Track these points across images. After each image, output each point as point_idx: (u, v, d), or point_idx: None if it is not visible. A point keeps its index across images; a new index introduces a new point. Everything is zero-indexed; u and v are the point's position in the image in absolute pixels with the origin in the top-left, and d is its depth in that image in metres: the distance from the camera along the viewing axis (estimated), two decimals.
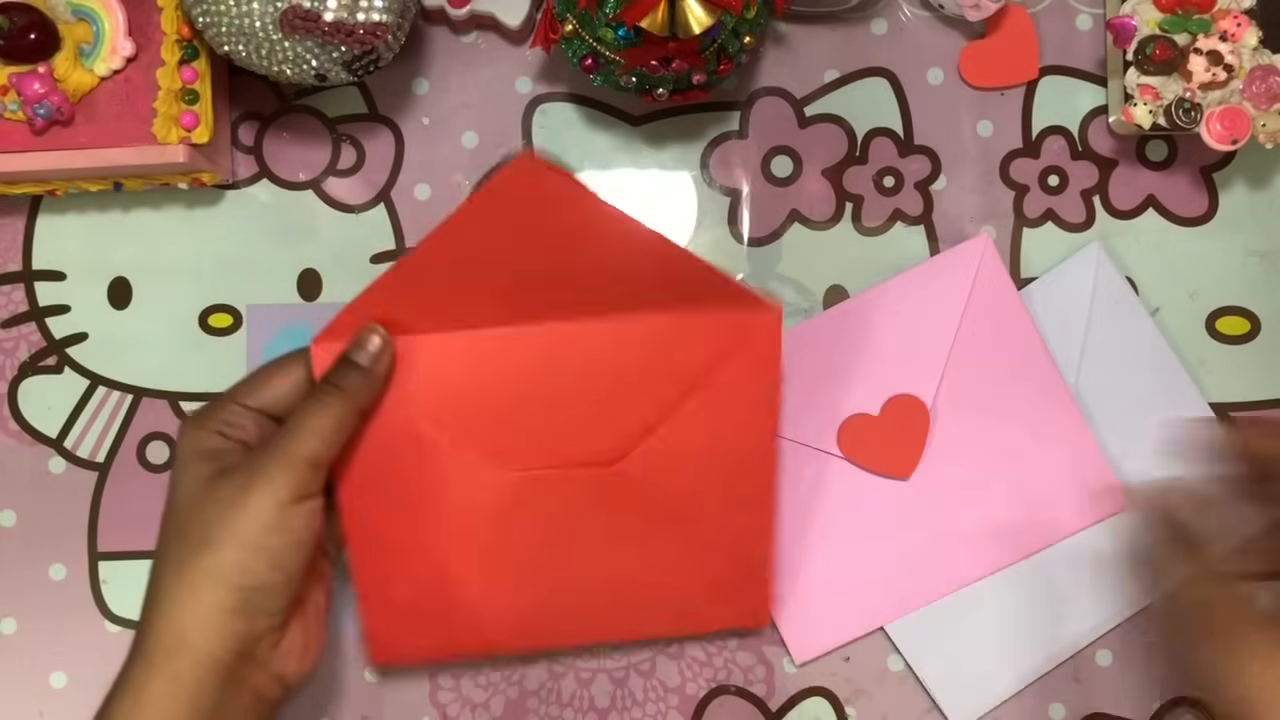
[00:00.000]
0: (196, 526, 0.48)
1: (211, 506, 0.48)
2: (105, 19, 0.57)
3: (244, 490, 0.48)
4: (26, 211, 0.63)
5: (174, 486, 0.50)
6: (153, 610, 0.48)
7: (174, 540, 0.48)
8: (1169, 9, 0.57)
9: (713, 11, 0.53)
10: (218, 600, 0.47)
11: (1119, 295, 0.62)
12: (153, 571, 0.49)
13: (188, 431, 0.51)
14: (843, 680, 0.61)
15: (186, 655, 0.46)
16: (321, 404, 0.50)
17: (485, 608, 0.56)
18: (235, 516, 0.47)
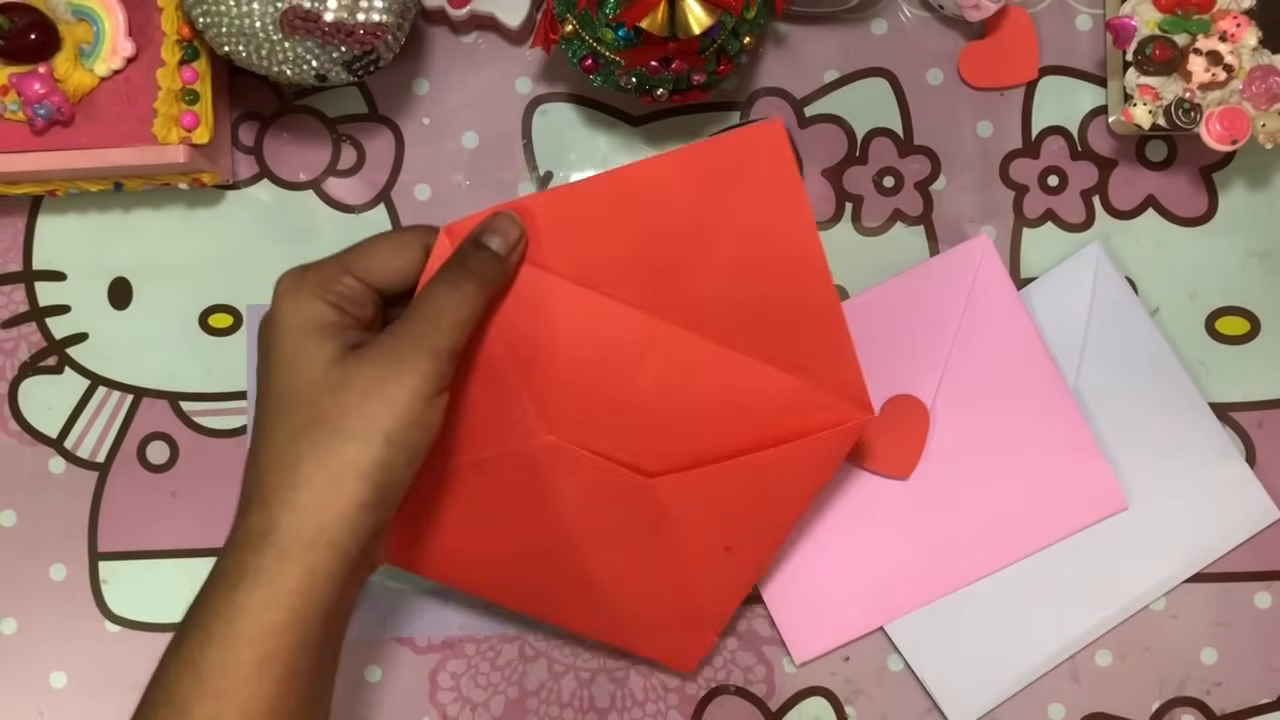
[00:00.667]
0: (334, 414, 0.44)
1: (350, 394, 0.44)
2: (105, 19, 0.57)
3: (386, 381, 0.44)
4: (27, 211, 0.63)
5: (287, 359, 0.46)
6: (285, 498, 0.44)
7: (308, 424, 0.44)
8: (1169, 9, 0.57)
9: (713, 12, 0.53)
10: (360, 496, 0.44)
11: (1119, 295, 0.62)
12: (276, 451, 0.45)
13: (299, 297, 0.46)
14: (842, 680, 0.61)
15: (324, 549, 0.44)
16: (460, 292, 0.46)
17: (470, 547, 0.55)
18: (380, 410, 0.44)
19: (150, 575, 0.61)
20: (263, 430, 0.46)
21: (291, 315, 0.46)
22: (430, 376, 0.45)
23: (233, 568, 0.44)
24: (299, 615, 0.43)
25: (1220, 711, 0.61)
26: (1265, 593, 0.61)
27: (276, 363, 0.46)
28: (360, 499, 0.44)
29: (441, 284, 0.47)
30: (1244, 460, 0.61)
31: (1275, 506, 0.61)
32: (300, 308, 0.46)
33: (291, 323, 0.46)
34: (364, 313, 0.48)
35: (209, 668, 0.43)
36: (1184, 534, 0.61)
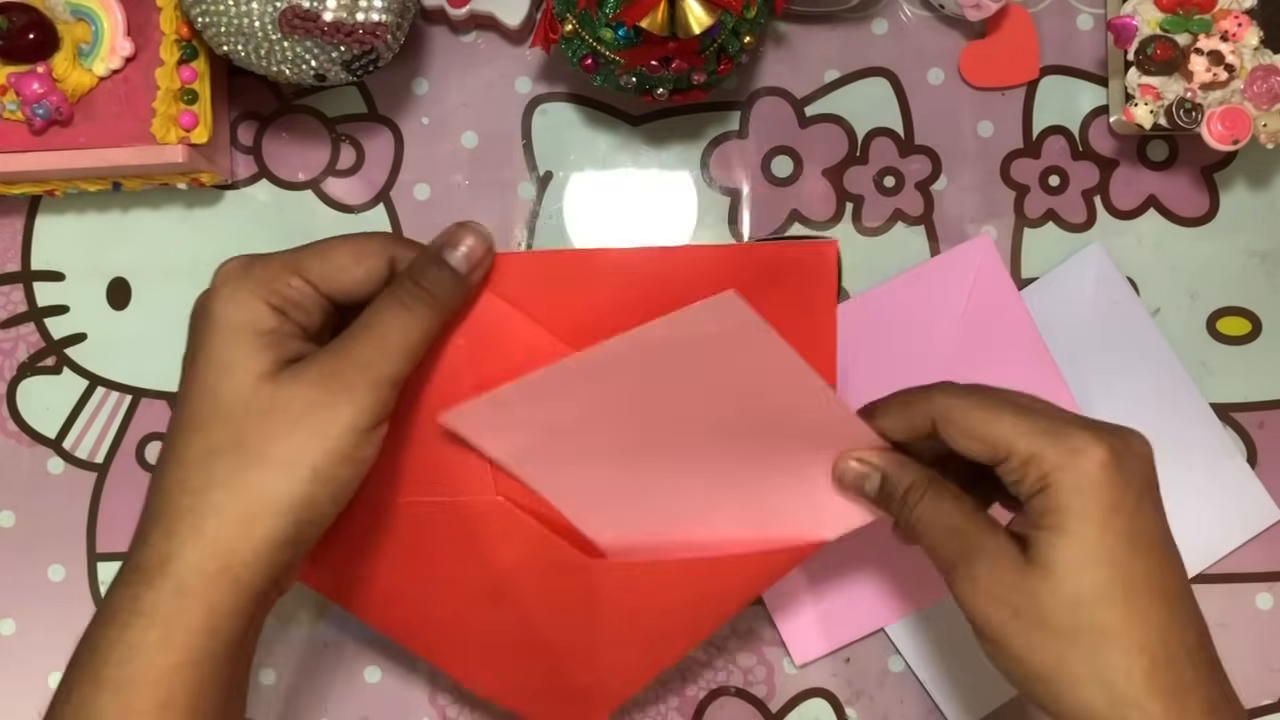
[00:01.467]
0: (257, 439, 0.40)
1: (278, 420, 0.40)
2: (104, 19, 0.57)
3: (320, 410, 0.40)
4: (25, 212, 0.63)
5: (215, 364, 0.41)
6: (191, 526, 0.40)
7: (227, 447, 0.40)
8: (1170, 9, 0.57)
9: (713, 11, 0.53)
10: (275, 532, 0.40)
11: (1119, 295, 0.61)
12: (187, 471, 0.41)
13: (239, 293, 0.42)
14: (843, 681, 0.61)
15: (229, 586, 0.40)
16: (412, 314, 0.42)
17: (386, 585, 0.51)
18: (309, 442, 0.40)
19: None
20: (173, 444, 0.41)
21: (227, 313, 0.42)
22: (368, 409, 0.41)
23: (124, 604, 0.40)
24: (200, 654, 0.40)
25: None
26: (1266, 594, 0.61)
27: (202, 366, 0.42)
28: (275, 536, 0.40)
29: (392, 302, 0.42)
30: (1245, 461, 0.61)
31: (1276, 507, 0.61)
32: (239, 306, 0.42)
33: (226, 322, 0.42)
34: (309, 320, 0.43)
35: (102, 716, 0.39)
36: (1184, 535, 0.60)
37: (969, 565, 0.43)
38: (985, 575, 0.43)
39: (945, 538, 0.45)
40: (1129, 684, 0.40)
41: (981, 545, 0.43)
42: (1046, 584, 0.41)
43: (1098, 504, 0.42)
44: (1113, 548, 0.41)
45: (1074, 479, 0.42)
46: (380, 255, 0.44)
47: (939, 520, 0.45)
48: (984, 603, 0.43)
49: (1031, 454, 0.43)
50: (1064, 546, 0.42)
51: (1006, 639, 0.42)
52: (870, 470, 0.48)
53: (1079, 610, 0.41)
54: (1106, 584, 0.41)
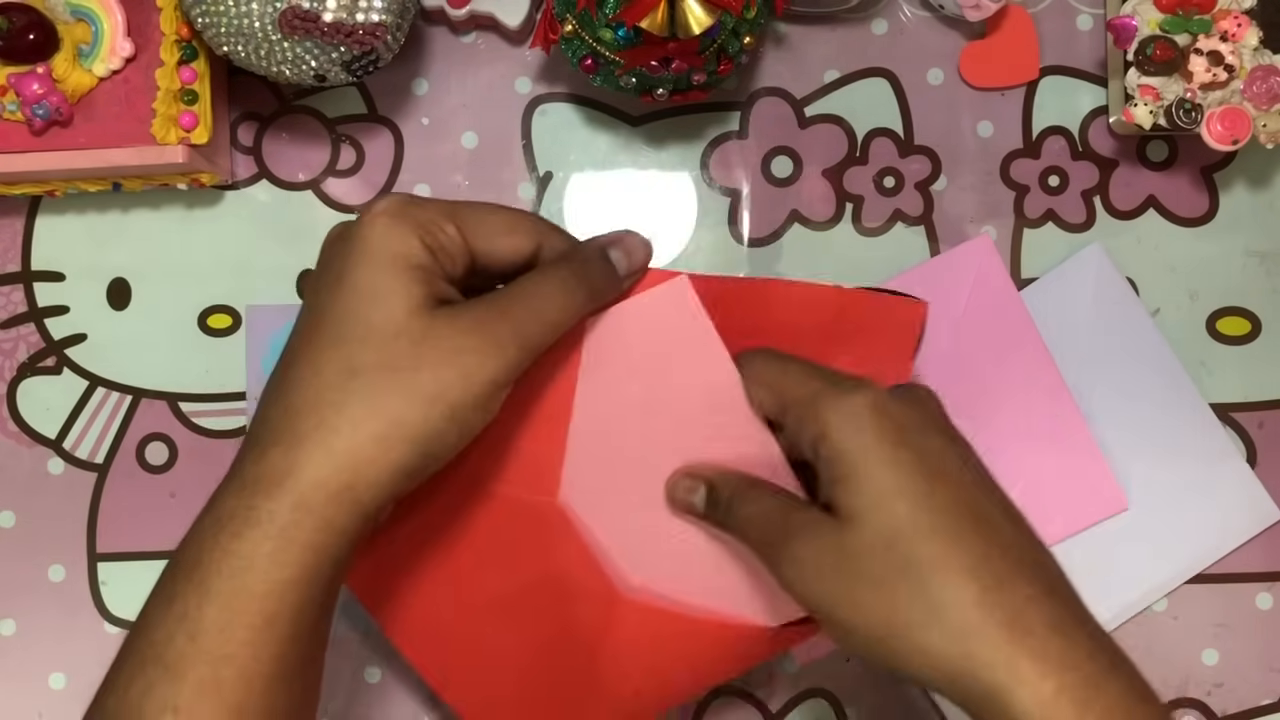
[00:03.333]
0: (408, 366, 0.40)
1: (430, 351, 0.40)
2: (104, 19, 0.57)
3: (470, 354, 0.40)
4: (25, 212, 0.63)
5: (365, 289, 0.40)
6: (321, 440, 0.39)
7: (373, 367, 0.40)
8: (1170, 9, 0.57)
9: (713, 12, 0.53)
10: (405, 460, 0.40)
11: (1119, 296, 0.62)
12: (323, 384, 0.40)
13: (397, 227, 0.41)
14: (843, 682, 0.61)
15: (350, 505, 0.39)
16: (570, 295, 0.43)
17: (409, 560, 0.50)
18: (456, 379, 0.40)
19: (149, 576, 0.60)
20: (307, 359, 0.40)
21: (383, 242, 0.41)
22: (512, 366, 0.41)
23: (238, 512, 0.39)
24: (311, 573, 0.39)
25: (1221, 712, 0.61)
26: (1266, 594, 0.61)
27: (349, 288, 0.40)
28: (404, 463, 0.40)
29: (555, 279, 0.43)
30: (1245, 461, 0.61)
31: (1276, 507, 0.61)
32: (397, 237, 0.41)
33: (381, 250, 0.41)
34: (455, 269, 0.43)
35: (207, 627, 0.39)
36: (1185, 535, 0.61)
37: (787, 546, 0.42)
38: (802, 549, 0.41)
39: (763, 529, 0.43)
40: (962, 614, 0.38)
41: (795, 522, 0.42)
42: (853, 534, 0.40)
43: (878, 439, 0.40)
44: (906, 480, 0.39)
45: (849, 419, 0.40)
46: (530, 234, 0.45)
47: (755, 514, 0.44)
48: (807, 579, 0.41)
49: (807, 398, 0.42)
50: (856, 491, 0.40)
51: (837, 610, 0.40)
52: (697, 482, 0.47)
53: (891, 551, 0.39)
54: (909, 517, 0.39)
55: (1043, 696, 0.37)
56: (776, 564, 0.43)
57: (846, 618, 0.40)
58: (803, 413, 0.42)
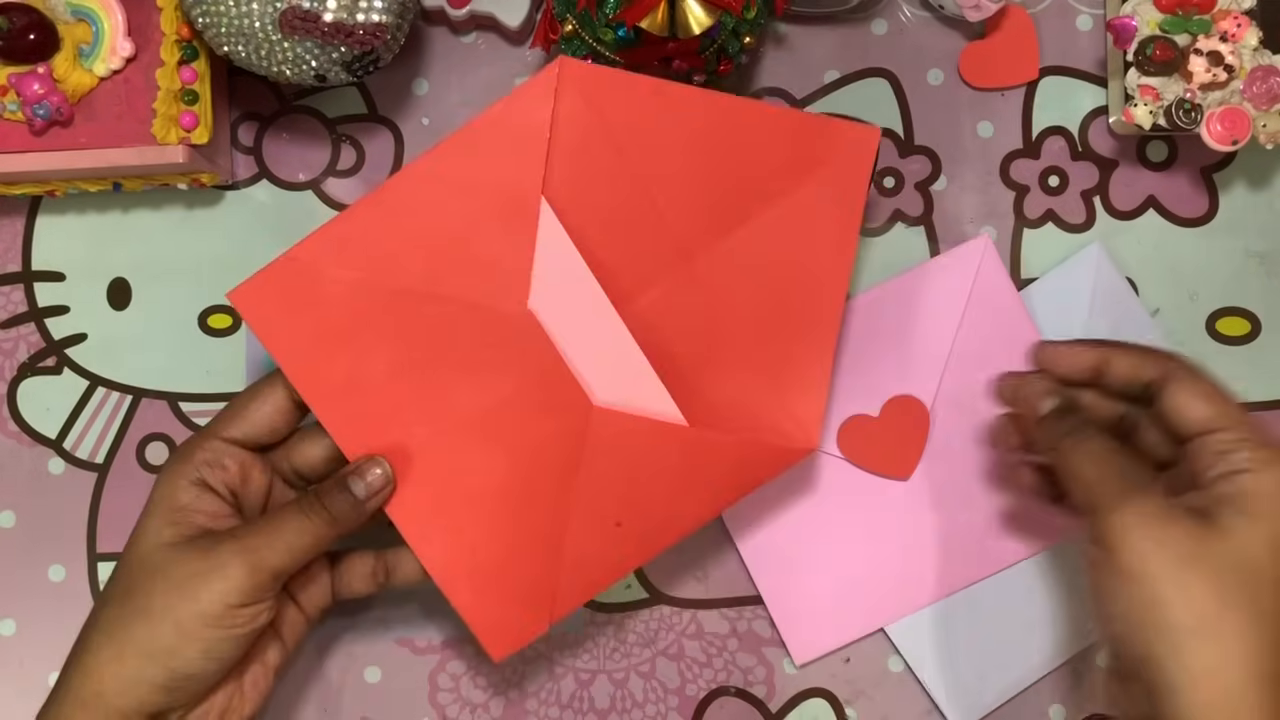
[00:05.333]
0: (140, 594, 0.47)
1: (160, 579, 0.47)
2: (105, 19, 0.57)
3: (197, 577, 0.46)
4: (26, 212, 0.63)
5: (136, 533, 0.49)
6: (75, 662, 0.47)
7: (117, 596, 0.48)
8: (1169, 9, 0.57)
9: (713, 12, 0.53)
10: (143, 673, 0.46)
11: (1119, 296, 0.62)
12: (90, 617, 0.48)
13: (165, 475, 0.50)
14: (843, 681, 0.61)
15: (100, 711, 0.46)
16: (307, 522, 0.48)
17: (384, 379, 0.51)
18: (180, 601, 0.46)
19: None
20: (101, 594, 0.49)
21: (157, 491, 0.49)
22: (241, 588, 0.46)
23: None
24: None
25: None
26: None
27: (134, 529, 0.49)
28: (144, 676, 0.46)
29: (294, 507, 0.49)
30: None
31: None
32: (161, 484, 0.49)
33: (154, 497, 0.49)
34: (228, 476, 0.50)
35: None
36: None
37: (1143, 503, 0.45)
38: (1157, 518, 0.44)
39: (1115, 475, 0.46)
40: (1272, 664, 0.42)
41: (1155, 492, 0.45)
42: (1227, 546, 0.43)
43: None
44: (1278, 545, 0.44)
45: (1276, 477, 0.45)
46: (279, 388, 0.51)
47: (1111, 458, 0.47)
48: (1149, 542, 0.44)
49: (1252, 438, 0.46)
50: (1256, 525, 0.44)
51: (1161, 581, 0.43)
52: (1055, 393, 0.51)
53: (1251, 585, 0.43)
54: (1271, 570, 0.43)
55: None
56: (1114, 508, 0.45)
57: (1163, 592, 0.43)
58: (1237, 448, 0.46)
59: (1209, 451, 0.46)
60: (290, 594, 0.52)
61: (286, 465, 0.52)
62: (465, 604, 0.52)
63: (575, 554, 0.52)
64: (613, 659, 0.61)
